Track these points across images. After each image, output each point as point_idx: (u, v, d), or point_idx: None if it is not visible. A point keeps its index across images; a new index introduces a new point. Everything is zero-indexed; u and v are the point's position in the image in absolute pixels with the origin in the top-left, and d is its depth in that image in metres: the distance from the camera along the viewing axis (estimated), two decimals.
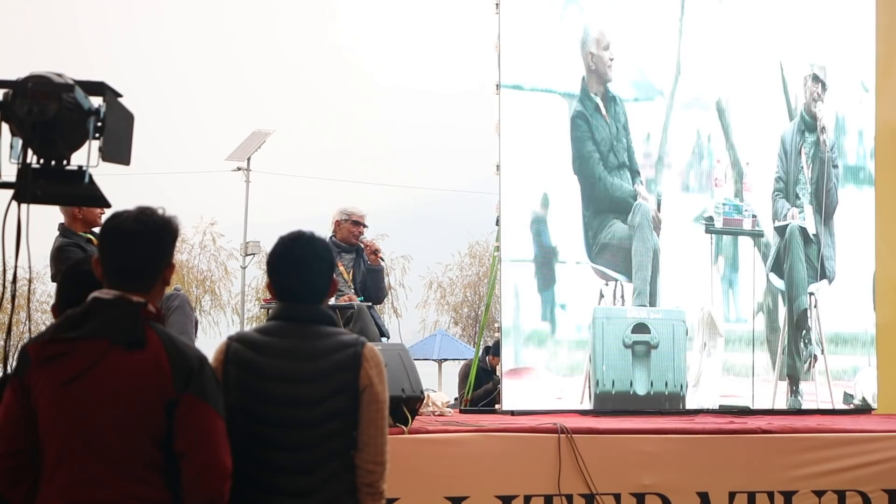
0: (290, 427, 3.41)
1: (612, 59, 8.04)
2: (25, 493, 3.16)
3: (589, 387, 7.80)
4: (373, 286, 7.79)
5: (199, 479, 3.12)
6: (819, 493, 6.57)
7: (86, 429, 3.08)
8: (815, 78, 8.75)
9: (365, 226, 8.03)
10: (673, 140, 8.30)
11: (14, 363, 3.26)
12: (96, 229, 6.44)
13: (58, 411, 3.10)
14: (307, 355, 3.47)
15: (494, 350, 10.09)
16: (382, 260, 7.93)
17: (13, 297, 3.35)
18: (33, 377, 3.13)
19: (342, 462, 3.46)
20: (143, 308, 3.19)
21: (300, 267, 3.53)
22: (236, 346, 3.47)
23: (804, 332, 8.58)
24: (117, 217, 3.25)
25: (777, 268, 8.56)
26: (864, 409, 8.64)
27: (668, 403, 7.96)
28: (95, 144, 3.31)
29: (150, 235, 3.23)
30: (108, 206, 3.48)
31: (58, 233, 6.34)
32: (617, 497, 6.26)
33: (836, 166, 8.81)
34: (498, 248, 7.96)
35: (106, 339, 3.11)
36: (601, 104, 7.99)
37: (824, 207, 8.73)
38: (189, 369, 3.14)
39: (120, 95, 3.41)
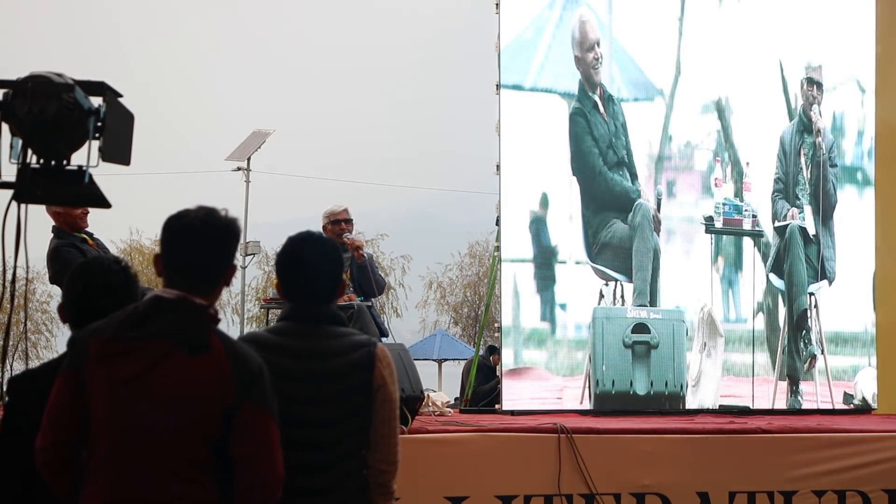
0: (305, 426, 3.41)
1: (597, 60, 8.02)
2: (70, 485, 3.15)
3: (589, 387, 7.80)
4: (365, 282, 7.77)
5: (256, 487, 3.11)
6: (819, 493, 6.57)
7: (140, 429, 3.07)
8: (812, 80, 8.75)
9: (349, 220, 7.93)
10: (673, 140, 8.30)
11: (67, 354, 3.23)
12: (89, 230, 6.44)
13: (113, 409, 3.08)
14: (321, 355, 3.47)
15: (495, 350, 10.11)
16: (366, 254, 7.88)
17: (12, 296, 3.35)
18: (90, 371, 3.11)
19: (357, 461, 3.47)
20: (206, 311, 3.17)
21: (310, 267, 3.53)
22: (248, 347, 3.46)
23: (804, 332, 8.58)
24: (183, 217, 3.20)
25: (777, 268, 8.56)
26: (864, 409, 8.64)
27: (668, 403, 7.96)
28: (95, 144, 3.30)
29: (216, 237, 3.20)
30: (109, 206, 3.47)
31: (52, 234, 6.33)
32: (617, 497, 6.26)
33: (834, 165, 8.81)
34: (498, 248, 7.96)
35: (170, 341, 3.09)
36: (599, 103, 8.00)
37: (823, 209, 8.73)
38: (250, 376, 3.12)
39: (120, 95, 3.40)
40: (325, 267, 3.56)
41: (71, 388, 3.13)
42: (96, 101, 3.31)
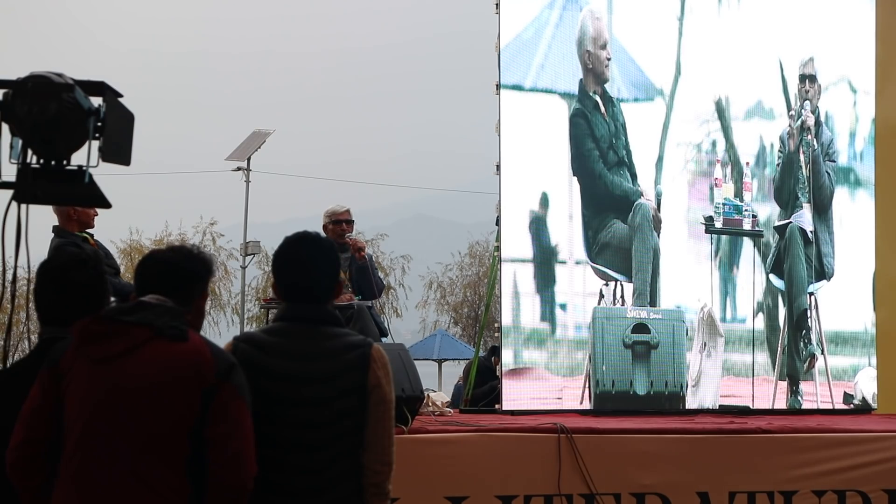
0: (299, 427, 3.41)
1: (609, 59, 8.04)
2: (38, 487, 3.16)
3: (589, 387, 7.80)
4: (366, 284, 7.79)
5: (230, 465, 3.15)
6: (819, 493, 6.56)
7: (116, 409, 3.11)
8: (812, 78, 8.75)
9: (350, 221, 7.99)
10: (673, 140, 8.30)
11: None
12: (90, 230, 6.44)
13: (90, 389, 3.14)
14: (315, 356, 3.46)
15: (497, 352, 10.07)
16: (368, 256, 7.93)
17: (13, 296, 3.35)
18: (68, 360, 3.18)
19: (352, 462, 3.47)
20: (184, 313, 3.31)
21: (306, 267, 3.53)
22: (244, 347, 3.46)
23: (804, 332, 8.58)
24: (155, 253, 3.45)
25: (777, 268, 8.56)
26: (864, 409, 8.64)
27: (668, 403, 7.96)
28: (95, 144, 3.31)
29: (187, 267, 3.39)
30: (109, 206, 3.48)
31: (53, 234, 6.33)
32: (617, 497, 6.25)
33: (833, 160, 8.80)
34: (498, 248, 7.96)
35: (150, 328, 3.19)
36: (600, 102, 8.00)
37: (822, 206, 8.73)
38: (228, 363, 3.25)
39: (120, 95, 3.41)
40: (322, 267, 3.55)
41: (44, 387, 3.19)
42: (96, 101, 3.32)
